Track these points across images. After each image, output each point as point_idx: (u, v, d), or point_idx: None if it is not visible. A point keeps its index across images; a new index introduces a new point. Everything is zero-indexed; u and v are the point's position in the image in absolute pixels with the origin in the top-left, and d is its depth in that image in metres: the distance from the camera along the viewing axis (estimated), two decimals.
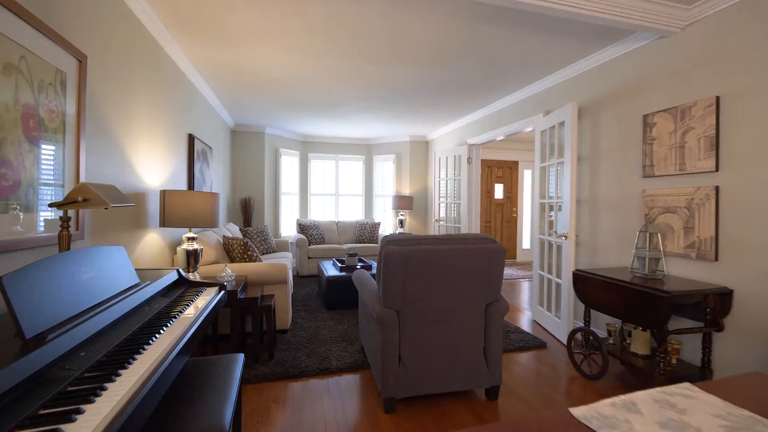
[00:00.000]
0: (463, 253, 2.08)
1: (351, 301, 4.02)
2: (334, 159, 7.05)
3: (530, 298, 4.71)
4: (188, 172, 3.52)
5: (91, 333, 1.09)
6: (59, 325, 1.02)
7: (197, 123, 3.81)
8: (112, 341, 1.11)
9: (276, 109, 4.97)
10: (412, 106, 4.77)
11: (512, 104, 4.33)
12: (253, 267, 3.11)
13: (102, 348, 1.06)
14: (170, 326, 1.32)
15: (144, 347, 1.10)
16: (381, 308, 2.06)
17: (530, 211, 7.70)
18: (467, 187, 5.27)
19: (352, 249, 5.88)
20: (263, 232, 5.01)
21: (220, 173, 5.04)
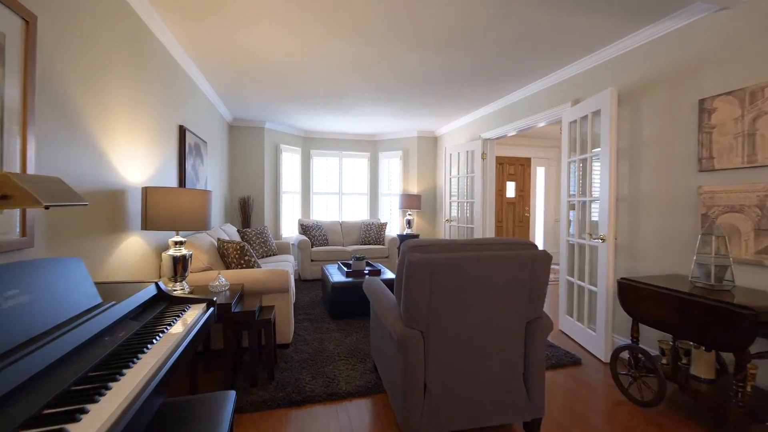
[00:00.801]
0: (502, 261, 1.72)
1: (359, 309, 3.67)
2: (338, 156, 6.71)
3: (552, 305, 4.35)
4: (179, 168, 3.17)
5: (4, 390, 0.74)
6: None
7: (189, 114, 3.47)
8: (35, 404, 0.76)
9: (276, 102, 4.62)
10: (423, 98, 4.41)
11: (534, 94, 3.97)
12: (250, 274, 2.76)
13: (13, 417, 0.71)
14: (133, 368, 0.97)
15: (80, 414, 0.74)
16: (402, 328, 1.71)
17: (543, 210, 7.35)
18: (481, 185, 4.92)
19: (357, 251, 5.54)
20: (263, 233, 4.66)
21: (217, 170, 4.70)
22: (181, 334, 1.26)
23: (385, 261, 5.70)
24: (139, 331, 1.24)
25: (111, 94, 2.00)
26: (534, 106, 3.97)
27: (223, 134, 5.09)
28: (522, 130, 4.30)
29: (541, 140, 7.19)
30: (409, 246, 1.73)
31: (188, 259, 2.36)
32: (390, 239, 5.75)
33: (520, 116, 4.20)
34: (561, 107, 3.54)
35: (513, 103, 4.33)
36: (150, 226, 2.17)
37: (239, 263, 2.93)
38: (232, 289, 2.52)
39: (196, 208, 2.27)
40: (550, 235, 7.35)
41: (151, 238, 2.55)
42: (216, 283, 2.44)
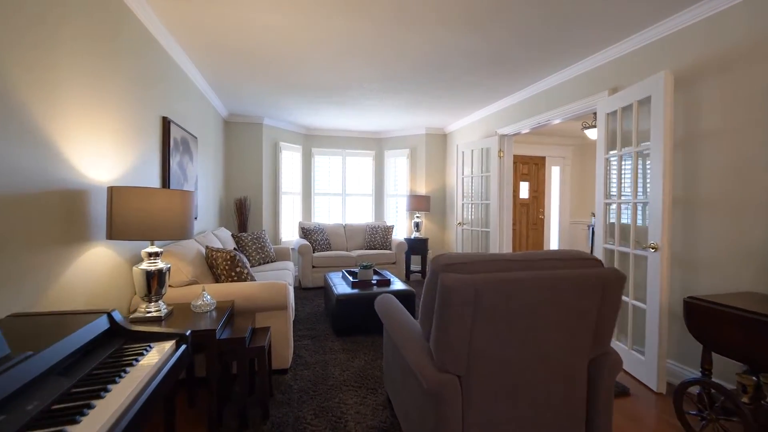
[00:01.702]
0: (565, 283, 1.32)
1: (366, 324, 3.26)
2: (341, 154, 6.31)
3: None
4: (162, 165, 2.78)
5: None
6: None
7: (175, 105, 3.07)
8: None
9: (274, 94, 4.22)
10: (433, 89, 4.01)
11: (560, 84, 3.57)
12: (242, 289, 2.36)
13: None
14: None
15: None
16: (434, 373, 1.30)
17: (558, 212, 6.93)
18: (497, 186, 4.51)
19: (363, 257, 5.13)
20: (260, 238, 4.26)
21: (210, 169, 4.30)
22: (124, 402, 0.85)
23: (392, 267, 5.30)
24: (61, 397, 0.84)
25: (65, 71, 1.61)
26: (560, 98, 3.56)
27: (217, 130, 4.69)
28: (543, 125, 3.89)
29: (556, 138, 6.78)
30: (442, 264, 1.32)
31: (165, 273, 1.96)
32: (397, 243, 5.34)
33: (543, 109, 3.79)
34: (595, 97, 3.14)
35: (535, 95, 3.93)
36: (116, 235, 1.77)
37: (230, 276, 2.53)
38: (219, 307, 2.12)
39: (174, 213, 1.87)
40: (566, 238, 6.94)
41: (122, 247, 2.15)
42: (199, 302, 2.04)
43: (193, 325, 1.82)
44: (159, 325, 1.84)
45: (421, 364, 1.35)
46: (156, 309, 1.93)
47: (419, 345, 1.45)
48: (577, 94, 3.36)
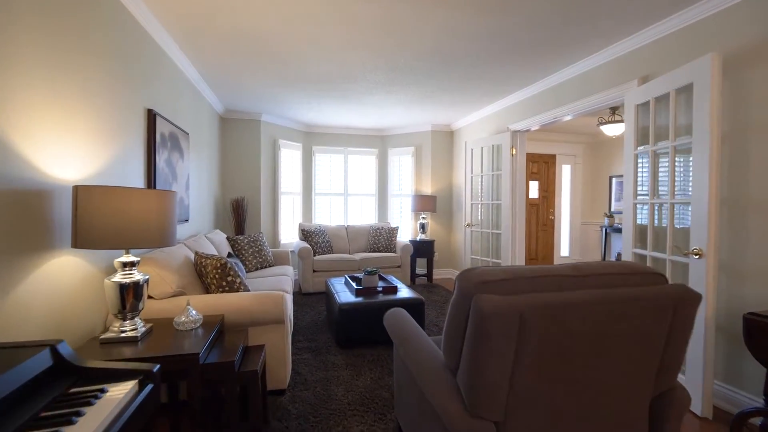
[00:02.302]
0: (627, 303, 1.05)
1: (371, 336, 3.00)
2: (343, 152, 6.05)
3: None
4: (147, 162, 2.52)
5: None
6: None
7: (163, 96, 2.81)
8: None
9: (272, 87, 3.96)
10: (442, 82, 3.75)
11: (580, 75, 3.29)
12: (233, 301, 2.10)
13: None
14: None
15: None
16: (464, 418, 1.04)
17: (569, 212, 6.66)
18: (510, 185, 4.24)
19: (366, 260, 4.87)
20: (257, 241, 4.00)
21: (204, 168, 4.04)
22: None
23: (396, 271, 5.03)
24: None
25: (24, 47, 1.35)
26: (579, 90, 3.29)
27: (212, 127, 4.43)
28: (559, 120, 3.62)
29: (567, 135, 6.50)
30: (476, 281, 1.05)
31: (143, 285, 1.69)
32: (402, 246, 5.08)
33: (560, 103, 3.52)
34: (621, 88, 2.87)
35: (551, 87, 3.66)
36: (82, 243, 1.51)
37: (220, 286, 2.26)
38: (207, 323, 1.86)
39: (151, 217, 1.61)
40: (577, 240, 6.67)
41: (96, 256, 1.89)
42: (183, 318, 1.78)
43: (174, 347, 1.56)
44: (135, 346, 1.58)
45: (446, 407, 1.08)
46: (132, 327, 1.67)
47: (442, 378, 1.19)
48: (600, 84, 3.09)
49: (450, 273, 5.93)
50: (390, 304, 3.02)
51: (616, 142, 6.24)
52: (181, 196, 3.13)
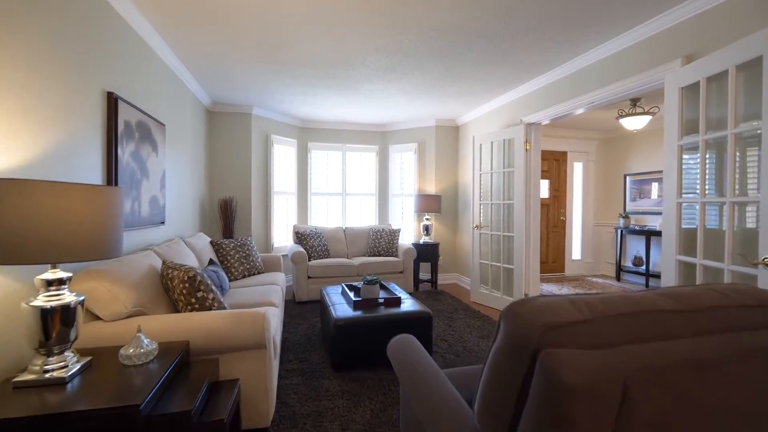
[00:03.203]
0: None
1: (373, 357, 2.61)
2: (341, 149, 5.66)
3: None
4: (106, 155, 2.13)
5: None
6: None
7: (130, 79, 2.43)
8: None
9: (262, 75, 3.58)
10: (451, 68, 3.36)
11: (605, 58, 2.91)
12: (202, 322, 1.71)
13: None
14: None
15: None
16: None
17: (581, 213, 6.28)
18: (523, 183, 3.86)
19: (366, 265, 4.48)
20: (245, 245, 3.61)
21: (187, 165, 3.66)
22: None
23: (398, 277, 4.65)
24: None
25: None
26: (604, 75, 2.91)
27: (197, 120, 4.05)
28: (578, 110, 3.23)
29: (579, 130, 6.13)
30: (539, 323, 0.66)
31: (75, 309, 1.31)
32: (405, 249, 4.69)
33: (582, 91, 3.14)
34: (659, 70, 2.49)
35: (572, 74, 3.27)
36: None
37: (188, 303, 1.87)
38: (165, 353, 1.47)
39: (84, 221, 1.23)
40: (589, 242, 6.29)
41: (16, 272, 1.50)
42: (131, 350, 1.39)
43: (111, 394, 1.17)
44: (61, 392, 1.19)
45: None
46: (60, 365, 1.28)
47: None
48: (631, 68, 2.70)
49: (455, 278, 5.54)
50: (393, 320, 2.64)
51: (632, 139, 5.86)
52: (154, 195, 2.75)
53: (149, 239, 2.73)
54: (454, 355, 2.83)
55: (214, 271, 2.70)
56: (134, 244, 2.45)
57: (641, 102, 4.35)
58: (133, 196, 2.39)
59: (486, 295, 4.31)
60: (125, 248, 2.31)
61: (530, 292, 3.91)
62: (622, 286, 5.41)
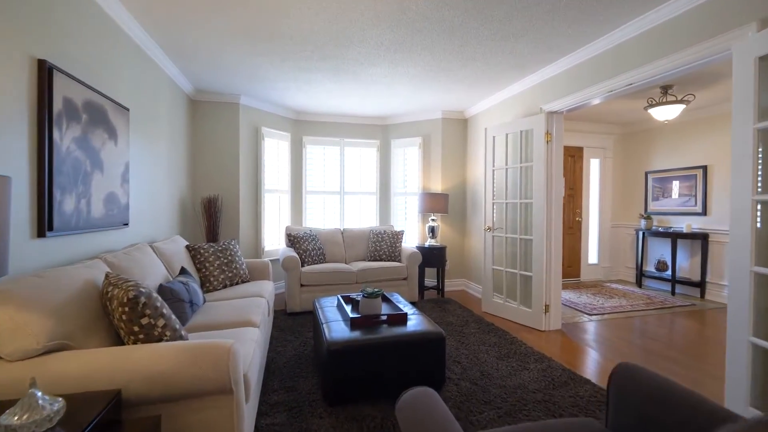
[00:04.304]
0: None
1: (373, 387, 2.16)
2: (339, 144, 5.21)
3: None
4: (38, 139, 1.68)
5: None
6: None
7: (76, 50, 1.98)
8: None
9: (249, 56, 3.13)
10: (467, 46, 2.92)
11: (650, 30, 2.46)
12: (141, 361, 1.26)
13: None
14: None
15: None
16: None
17: (598, 213, 5.82)
18: (544, 179, 3.41)
19: (366, 272, 4.03)
20: (227, 250, 3.16)
21: (162, 158, 3.21)
22: None
23: (401, 285, 4.19)
24: None
25: None
26: (648, 50, 2.46)
27: (176, 109, 3.60)
28: (615, 93, 2.78)
29: (596, 124, 5.68)
30: None
31: None
32: (409, 254, 4.24)
33: (620, 69, 2.69)
34: (725, 37, 2.04)
35: (604, 52, 2.83)
36: None
37: (131, 332, 1.42)
38: (80, 410, 1.02)
39: None
40: (607, 245, 5.84)
41: None
42: (16, 417, 0.94)
43: None
44: None
45: None
46: None
47: None
48: (685, 38, 2.25)
49: (463, 284, 5.09)
50: (398, 342, 2.18)
51: (655, 133, 5.41)
52: (112, 192, 2.30)
53: (106, 244, 2.28)
54: (470, 383, 2.38)
55: (183, 282, 2.25)
56: (79, 251, 2.00)
57: (673, 89, 3.90)
58: (79, 192, 1.94)
59: (500, 305, 3.86)
60: (62, 257, 1.86)
61: (551, 302, 3.46)
62: (646, 293, 4.96)
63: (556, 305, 3.47)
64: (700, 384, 2.43)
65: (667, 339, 3.23)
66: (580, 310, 4.11)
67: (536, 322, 3.48)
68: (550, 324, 3.46)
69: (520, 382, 2.40)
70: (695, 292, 4.81)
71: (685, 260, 4.98)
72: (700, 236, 4.66)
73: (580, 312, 4.06)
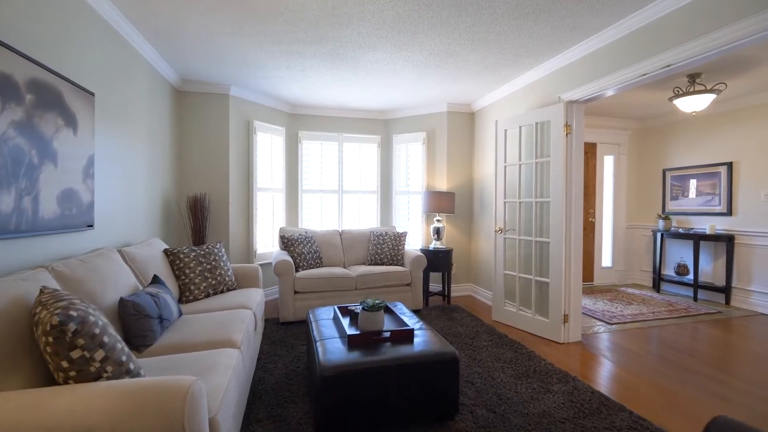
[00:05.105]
0: None
1: (376, 420, 1.83)
2: (337, 140, 4.88)
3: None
4: None
5: None
6: None
7: (19, 16, 1.65)
8: None
9: (236, 38, 2.81)
10: (481, 24, 2.59)
11: (692, 2, 2.14)
12: (58, 413, 0.93)
13: None
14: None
15: None
16: None
17: (612, 213, 5.50)
18: (563, 176, 3.08)
19: (366, 277, 3.70)
20: (210, 254, 2.83)
21: (140, 152, 2.88)
22: None
23: (405, 291, 3.87)
24: None
25: None
26: (695, 24, 2.13)
27: (158, 98, 3.27)
28: (644, 77, 2.46)
29: (609, 119, 5.35)
30: None
31: None
32: (413, 257, 3.91)
33: (655, 50, 2.36)
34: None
35: (637, 29, 2.50)
36: None
37: (59, 368, 1.09)
38: None
39: None
40: (621, 246, 5.51)
41: None
42: None
43: None
44: None
45: None
46: None
47: None
48: (733, 12, 1.92)
49: (470, 289, 4.76)
50: (403, 365, 1.85)
51: (674, 127, 5.08)
52: (71, 188, 1.97)
53: (62, 250, 1.95)
54: (487, 410, 2.05)
55: (152, 294, 1.92)
56: (24, 259, 1.68)
57: (702, 78, 3.58)
58: (21, 188, 1.61)
59: (512, 313, 3.53)
60: None
61: (571, 312, 3.13)
62: (666, 299, 4.63)
63: (576, 315, 3.15)
64: (757, 413, 2.11)
65: (701, 353, 2.91)
66: (598, 318, 3.78)
67: (554, 334, 3.16)
68: (569, 336, 3.13)
69: (544, 408, 2.07)
70: (719, 297, 4.48)
71: (708, 264, 4.66)
72: (725, 238, 4.33)
73: (598, 320, 3.74)
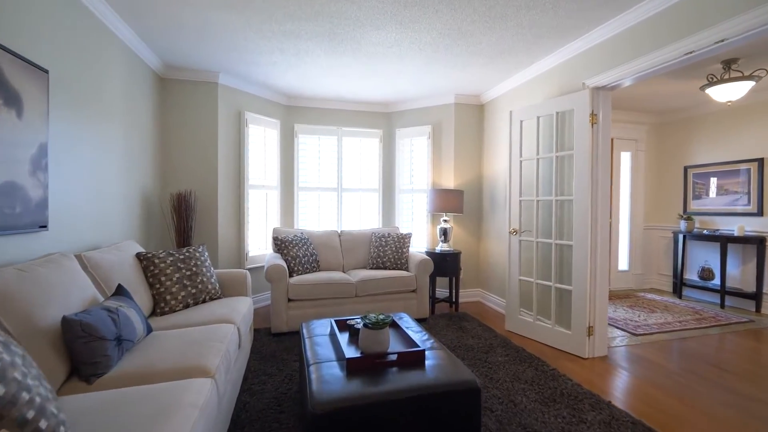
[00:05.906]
0: None
1: None
2: (336, 134, 4.55)
3: None
4: None
5: None
6: None
7: None
8: None
9: (220, 12, 2.47)
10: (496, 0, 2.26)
11: None
12: None
13: None
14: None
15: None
16: None
17: (629, 213, 5.16)
18: (588, 171, 2.75)
19: (367, 282, 3.36)
20: (191, 259, 2.49)
21: (114, 144, 2.56)
22: None
23: (409, 298, 3.53)
24: None
25: None
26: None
27: (137, 85, 2.94)
28: (703, 51, 2.12)
29: (626, 113, 5.01)
30: None
31: None
32: (418, 261, 3.58)
33: (710, 21, 2.03)
34: None
35: (675, 4, 2.17)
36: None
37: None
38: None
39: None
40: (638, 249, 5.17)
41: None
42: None
43: None
44: None
45: None
46: None
47: None
48: None
49: (479, 295, 4.43)
50: (413, 399, 1.52)
51: (697, 122, 4.74)
52: (12, 182, 1.64)
53: (3, 256, 1.62)
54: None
55: (109, 310, 1.59)
56: None
57: (738, 64, 3.24)
58: None
59: (529, 324, 3.20)
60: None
61: (596, 323, 2.80)
62: (690, 305, 4.29)
63: (601, 327, 2.81)
64: None
65: (745, 371, 2.57)
66: (621, 328, 3.45)
67: (577, 348, 2.82)
68: (594, 350, 2.80)
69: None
70: (748, 304, 4.15)
71: (735, 268, 4.32)
72: (755, 240, 4.00)
73: (622, 330, 3.40)
